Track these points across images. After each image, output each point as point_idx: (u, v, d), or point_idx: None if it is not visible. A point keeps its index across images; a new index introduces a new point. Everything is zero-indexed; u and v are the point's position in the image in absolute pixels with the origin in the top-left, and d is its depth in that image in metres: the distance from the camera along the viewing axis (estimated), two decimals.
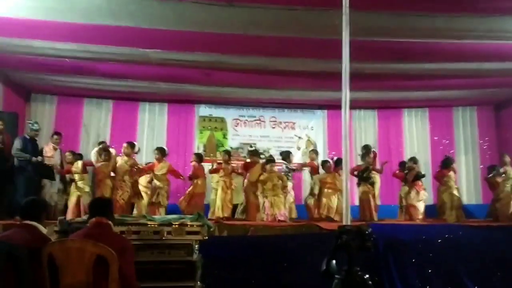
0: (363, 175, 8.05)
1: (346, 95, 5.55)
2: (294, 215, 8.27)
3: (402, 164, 8.82)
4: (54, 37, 6.62)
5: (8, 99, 8.73)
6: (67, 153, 7.99)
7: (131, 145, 7.82)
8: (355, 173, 8.24)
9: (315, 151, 9.17)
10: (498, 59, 7.30)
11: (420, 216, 7.90)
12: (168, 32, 6.37)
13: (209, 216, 7.75)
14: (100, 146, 8.20)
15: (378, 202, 8.39)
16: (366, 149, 8.61)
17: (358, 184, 8.18)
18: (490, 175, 8.30)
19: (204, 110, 10.69)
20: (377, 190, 8.35)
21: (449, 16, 5.94)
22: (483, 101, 10.45)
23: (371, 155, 8.37)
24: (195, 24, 6.18)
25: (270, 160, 8.00)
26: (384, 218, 8.19)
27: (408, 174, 8.31)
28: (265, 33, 6.42)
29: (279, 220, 7.20)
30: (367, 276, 1.86)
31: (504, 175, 8.04)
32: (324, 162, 8.35)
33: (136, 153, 8.08)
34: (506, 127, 10.19)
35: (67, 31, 6.33)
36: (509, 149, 9.32)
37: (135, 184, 7.74)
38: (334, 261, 1.86)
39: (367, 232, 1.83)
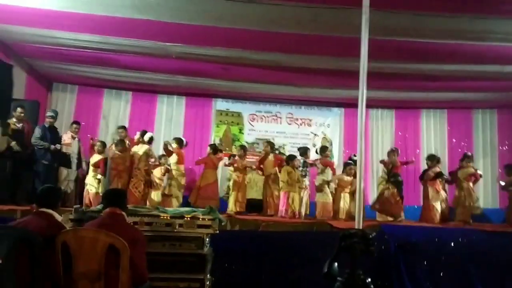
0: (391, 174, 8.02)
1: (363, 93, 5.53)
2: (307, 211, 8.29)
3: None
4: (77, 28, 6.73)
5: (31, 88, 8.93)
6: (98, 143, 8.09)
7: (142, 133, 7.92)
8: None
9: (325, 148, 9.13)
10: None
11: (437, 217, 7.84)
12: (189, 26, 6.43)
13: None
14: (118, 131, 8.32)
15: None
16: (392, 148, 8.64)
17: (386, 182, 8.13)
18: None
19: (221, 104, 10.74)
20: None
21: (470, 17, 5.85)
22: (504, 104, 10.22)
23: (396, 154, 8.37)
24: (215, 19, 6.22)
25: (293, 156, 8.05)
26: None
27: (429, 171, 8.23)
28: (285, 29, 6.43)
29: (298, 217, 7.28)
30: (369, 280, 1.87)
31: None
32: (346, 164, 8.25)
33: (148, 142, 8.10)
34: None
35: (90, 23, 6.45)
36: None
37: (149, 172, 7.84)
38: (336, 264, 1.88)
39: (371, 236, 1.84)
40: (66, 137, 7.84)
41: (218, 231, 4.25)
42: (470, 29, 6.09)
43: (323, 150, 8.69)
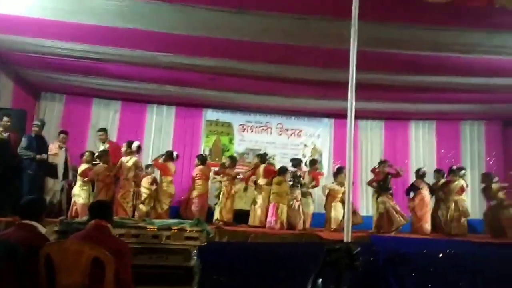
0: (383, 185, 8.02)
1: (351, 104, 5.55)
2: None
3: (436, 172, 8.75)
4: (66, 37, 6.70)
5: (18, 97, 8.82)
6: (86, 152, 7.98)
7: (128, 144, 7.84)
8: (374, 184, 8.30)
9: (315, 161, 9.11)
10: (506, 75, 7.26)
11: (428, 228, 7.85)
12: (178, 36, 6.43)
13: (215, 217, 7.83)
14: (98, 134, 8.30)
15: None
16: (382, 160, 8.62)
17: (378, 195, 8.12)
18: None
19: (211, 114, 10.72)
20: None
21: (458, 30, 5.93)
22: (491, 116, 10.38)
23: (387, 164, 8.36)
24: (205, 29, 6.23)
25: (285, 168, 8.04)
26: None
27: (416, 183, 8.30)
28: (274, 40, 6.46)
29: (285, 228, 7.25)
30: None
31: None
32: (337, 173, 8.19)
33: (136, 152, 7.97)
34: None
35: (79, 32, 6.41)
36: None
37: (138, 183, 7.74)
38: (320, 280, 1.85)
39: (355, 251, 1.82)
40: (54, 147, 7.74)
41: (205, 243, 4.21)
42: (458, 42, 6.17)
43: (313, 163, 8.67)
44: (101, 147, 8.20)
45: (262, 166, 8.25)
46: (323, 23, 5.87)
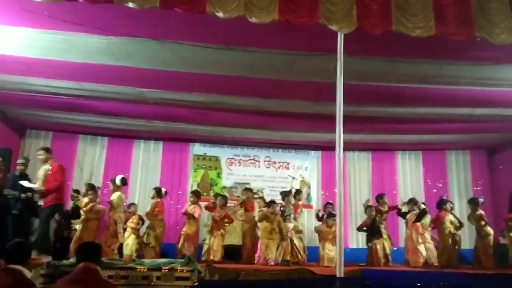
0: (373, 228, 8.05)
1: (340, 138, 5.55)
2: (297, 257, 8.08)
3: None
4: (53, 75, 6.70)
5: (3, 135, 8.71)
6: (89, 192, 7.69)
7: (112, 181, 7.74)
8: (363, 228, 8.36)
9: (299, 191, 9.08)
10: (489, 105, 7.43)
11: (421, 260, 7.81)
12: (165, 72, 6.47)
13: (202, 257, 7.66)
14: (38, 153, 7.50)
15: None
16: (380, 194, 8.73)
17: (368, 238, 8.15)
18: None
19: (198, 149, 10.70)
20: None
21: (441, 63, 6.08)
22: (476, 146, 10.55)
23: (374, 208, 8.38)
24: (193, 66, 6.29)
25: (272, 201, 7.96)
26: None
27: (409, 215, 8.27)
28: (261, 75, 6.53)
29: (271, 265, 7.11)
30: None
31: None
32: (328, 216, 8.10)
33: (122, 184, 7.82)
34: (498, 171, 10.25)
35: (67, 70, 6.42)
36: (501, 193, 9.37)
37: (116, 220, 7.45)
38: None
39: None
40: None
41: (197, 283, 4.11)
42: (442, 74, 6.31)
43: (296, 194, 8.64)
44: (43, 168, 7.73)
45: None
46: (309, 58, 5.97)
